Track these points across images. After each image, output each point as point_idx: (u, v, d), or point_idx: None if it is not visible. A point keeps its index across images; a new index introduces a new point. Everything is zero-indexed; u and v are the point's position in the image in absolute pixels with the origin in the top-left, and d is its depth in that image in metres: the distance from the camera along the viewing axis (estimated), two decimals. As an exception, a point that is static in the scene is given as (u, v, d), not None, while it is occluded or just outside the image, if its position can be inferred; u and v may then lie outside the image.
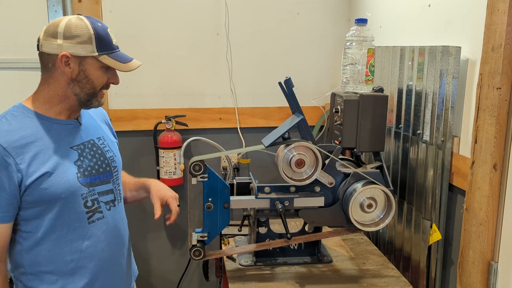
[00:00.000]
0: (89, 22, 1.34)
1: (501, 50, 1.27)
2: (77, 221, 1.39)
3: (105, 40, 1.35)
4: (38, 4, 2.17)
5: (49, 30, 1.34)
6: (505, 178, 1.33)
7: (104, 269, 1.45)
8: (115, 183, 1.50)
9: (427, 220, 1.60)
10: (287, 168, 1.52)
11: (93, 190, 1.42)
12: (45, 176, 1.32)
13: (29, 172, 1.30)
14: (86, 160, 1.41)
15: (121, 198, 1.54)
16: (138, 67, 1.42)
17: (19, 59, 2.19)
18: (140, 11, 2.23)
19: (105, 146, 1.50)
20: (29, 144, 1.32)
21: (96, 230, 1.42)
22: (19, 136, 1.32)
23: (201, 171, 1.47)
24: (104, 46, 1.35)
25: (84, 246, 1.40)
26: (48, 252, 1.37)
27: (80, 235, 1.39)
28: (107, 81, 1.41)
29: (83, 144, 1.43)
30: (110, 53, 1.36)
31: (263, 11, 2.32)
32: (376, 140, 1.59)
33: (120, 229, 1.51)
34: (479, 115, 1.37)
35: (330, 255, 1.77)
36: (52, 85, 1.37)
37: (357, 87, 1.62)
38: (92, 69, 1.36)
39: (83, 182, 1.39)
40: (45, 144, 1.35)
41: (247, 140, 2.39)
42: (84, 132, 1.45)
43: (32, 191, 1.32)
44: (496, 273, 1.37)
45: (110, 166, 1.48)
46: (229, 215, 1.55)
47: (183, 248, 2.49)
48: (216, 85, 2.35)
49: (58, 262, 1.38)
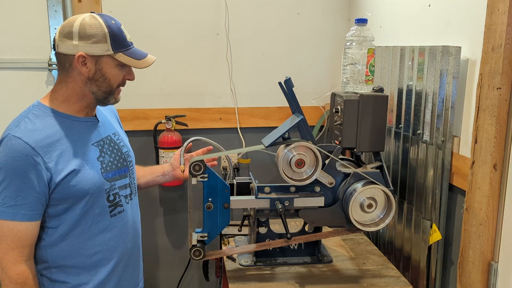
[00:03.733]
0: (103, 21, 1.35)
1: (501, 50, 1.27)
2: (100, 215, 1.43)
3: (119, 38, 1.36)
4: (38, 4, 2.17)
5: (64, 31, 1.35)
6: (505, 178, 1.33)
7: (124, 260, 1.50)
8: (131, 177, 1.54)
9: (427, 220, 1.60)
10: (287, 168, 1.52)
11: (114, 184, 1.46)
12: (73, 173, 1.36)
13: (57, 170, 1.34)
14: (106, 156, 1.45)
15: (136, 192, 1.59)
16: (153, 62, 1.44)
17: (19, 59, 2.19)
18: (140, 11, 2.23)
19: (121, 141, 1.54)
20: (55, 142, 1.35)
21: (117, 223, 1.47)
22: (45, 135, 1.34)
23: (201, 171, 1.47)
24: (119, 44, 1.36)
25: (106, 239, 1.44)
26: (71, 246, 1.41)
27: (102, 228, 1.43)
28: (123, 78, 1.43)
29: (102, 141, 1.46)
30: (125, 50, 1.37)
31: (263, 11, 2.32)
32: (376, 140, 1.59)
33: (136, 221, 1.57)
34: (479, 115, 1.37)
35: (330, 255, 1.77)
36: (70, 84, 1.39)
37: (357, 87, 1.62)
38: (108, 68, 1.38)
39: (106, 177, 1.43)
40: (69, 142, 1.38)
41: (247, 140, 2.39)
42: (102, 129, 1.49)
43: (61, 189, 1.35)
44: (496, 273, 1.37)
45: (126, 161, 1.53)
46: (229, 215, 1.55)
47: (183, 248, 2.49)
48: (216, 85, 2.35)
49: (81, 256, 1.42)
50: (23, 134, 1.32)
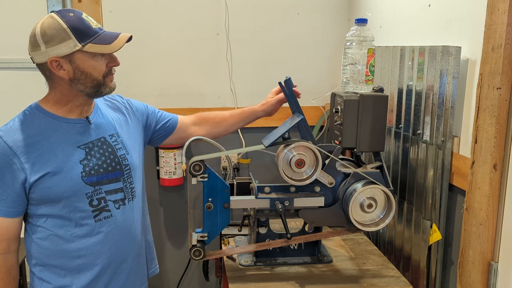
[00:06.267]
0: (60, 17, 1.30)
1: (501, 50, 1.27)
2: (83, 219, 1.40)
3: (82, 29, 1.30)
4: (38, 4, 2.17)
5: (30, 41, 1.32)
6: (505, 178, 1.33)
7: (112, 267, 1.46)
8: (126, 181, 1.48)
9: (427, 220, 1.60)
10: (287, 168, 1.52)
11: (100, 189, 1.41)
12: (48, 175, 1.34)
13: (33, 171, 1.32)
14: (93, 158, 1.41)
15: (133, 197, 1.51)
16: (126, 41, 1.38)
17: (19, 59, 2.19)
18: (140, 11, 2.23)
19: (118, 143, 1.48)
20: (35, 143, 1.34)
21: (103, 228, 1.43)
22: (26, 135, 1.33)
23: (201, 171, 1.47)
24: (84, 35, 1.30)
25: (91, 244, 1.42)
26: (56, 246, 1.40)
27: (87, 232, 1.41)
28: (107, 66, 1.37)
29: (91, 143, 1.42)
30: (93, 39, 1.31)
31: (263, 11, 2.32)
32: (376, 140, 1.59)
33: (131, 227, 1.50)
34: (479, 115, 1.37)
35: (330, 255, 1.77)
36: (58, 89, 1.38)
37: (357, 87, 1.62)
38: (84, 63, 1.33)
39: (88, 181, 1.39)
40: (52, 144, 1.36)
41: (247, 140, 2.39)
42: (94, 130, 1.44)
43: (36, 190, 1.34)
44: (496, 273, 1.37)
45: (120, 165, 1.47)
46: (229, 215, 1.54)
47: (183, 248, 2.49)
48: (216, 85, 2.35)
49: (65, 257, 1.41)
50: (5, 133, 1.33)
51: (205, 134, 1.71)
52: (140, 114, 1.63)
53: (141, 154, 1.60)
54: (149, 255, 1.66)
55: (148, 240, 1.65)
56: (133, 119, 1.60)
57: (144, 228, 1.60)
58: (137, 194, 1.53)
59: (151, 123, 1.66)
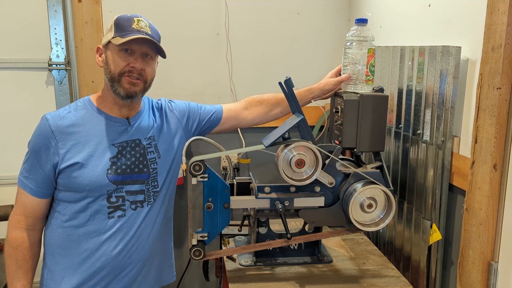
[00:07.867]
0: (118, 15, 1.44)
1: (501, 50, 1.27)
2: (97, 213, 1.44)
3: (122, 25, 1.40)
4: (38, 4, 2.17)
5: None
6: (505, 178, 1.33)
7: (106, 271, 1.46)
8: (150, 185, 1.49)
9: (427, 220, 1.60)
10: (287, 168, 1.52)
11: (122, 188, 1.45)
12: (77, 166, 1.39)
13: (66, 158, 1.39)
14: (123, 158, 1.45)
15: (155, 201, 1.51)
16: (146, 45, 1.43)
17: (19, 59, 2.19)
18: (140, 11, 2.20)
19: (150, 146, 1.51)
20: (75, 132, 1.41)
21: (114, 226, 1.45)
22: (70, 123, 1.42)
23: (201, 171, 1.47)
24: (120, 29, 1.40)
25: (99, 240, 1.44)
26: (67, 236, 1.44)
27: (98, 227, 1.44)
28: (128, 65, 1.41)
29: (125, 142, 1.47)
30: (124, 34, 1.39)
31: (263, 11, 2.32)
32: (376, 140, 1.59)
33: (142, 233, 1.50)
34: (479, 115, 1.37)
35: (330, 255, 1.77)
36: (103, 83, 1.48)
37: (357, 87, 1.62)
38: (111, 54, 1.42)
39: (112, 179, 1.43)
40: (89, 136, 1.42)
41: (247, 140, 2.39)
42: (132, 132, 1.49)
43: (63, 176, 1.41)
44: (496, 273, 1.37)
45: (148, 168, 1.49)
46: (229, 215, 1.54)
47: (183, 248, 2.49)
48: (216, 85, 2.35)
49: (73, 249, 1.44)
50: (52, 117, 1.42)
51: (260, 116, 1.72)
52: (181, 115, 1.66)
53: (178, 155, 1.60)
54: (167, 262, 1.66)
55: (166, 246, 1.65)
56: (173, 121, 1.63)
57: (163, 234, 1.59)
58: (160, 198, 1.54)
59: (194, 121, 1.69)
